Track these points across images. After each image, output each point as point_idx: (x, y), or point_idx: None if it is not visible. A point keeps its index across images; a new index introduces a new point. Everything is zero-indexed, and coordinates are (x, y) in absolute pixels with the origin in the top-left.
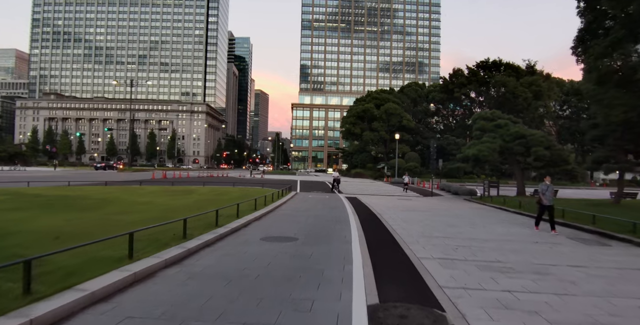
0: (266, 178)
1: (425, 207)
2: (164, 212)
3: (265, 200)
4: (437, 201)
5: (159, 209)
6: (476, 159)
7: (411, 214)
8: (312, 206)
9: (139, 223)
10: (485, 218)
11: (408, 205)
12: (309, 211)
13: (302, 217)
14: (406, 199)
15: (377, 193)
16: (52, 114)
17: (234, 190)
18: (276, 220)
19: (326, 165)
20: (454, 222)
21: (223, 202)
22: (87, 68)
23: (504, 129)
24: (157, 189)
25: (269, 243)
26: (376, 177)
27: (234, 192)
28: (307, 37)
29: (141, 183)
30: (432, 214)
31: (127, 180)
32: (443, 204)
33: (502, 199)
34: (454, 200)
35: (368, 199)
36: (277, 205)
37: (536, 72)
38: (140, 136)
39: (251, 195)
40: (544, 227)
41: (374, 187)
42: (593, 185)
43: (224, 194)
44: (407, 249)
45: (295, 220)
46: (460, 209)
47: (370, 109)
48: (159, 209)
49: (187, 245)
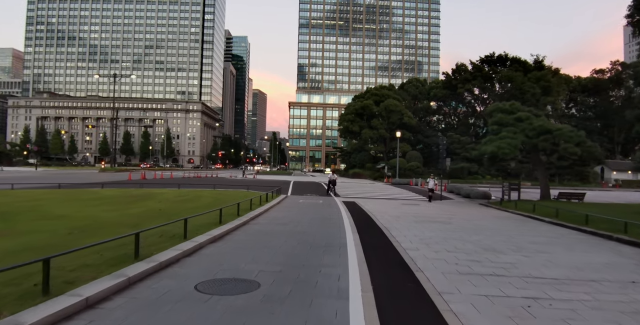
0: (259, 179)
1: (440, 216)
2: (62, 237)
3: (239, 210)
4: (450, 207)
5: (67, 226)
6: (493, 157)
7: (427, 227)
8: (300, 217)
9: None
10: (526, 234)
11: (419, 214)
12: (292, 225)
13: (280, 237)
14: (413, 203)
15: (378, 196)
16: (44, 113)
17: (209, 194)
18: (240, 243)
19: (324, 165)
20: (490, 242)
21: (182, 212)
22: (82, 67)
23: (525, 123)
24: (114, 193)
25: (205, 299)
26: (376, 177)
27: (206, 198)
28: (304, 34)
29: (103, 186)
30: (454, 227)
31: (95, 182)
32: (459, 211)
33: (532, 205)
34: (469, 205)
35: (369, 204)
36: (254, 216)
37: (544, 67)
38: (134, 135)
39: (226, 201)
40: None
41: (374, 189)
42: (605, 186)
43: (192, 201)
44: (449, 314)
45: (267, 245)
46: (484, 219)
47: (370, 106)
48: (66, 227)
49: (25, 318)
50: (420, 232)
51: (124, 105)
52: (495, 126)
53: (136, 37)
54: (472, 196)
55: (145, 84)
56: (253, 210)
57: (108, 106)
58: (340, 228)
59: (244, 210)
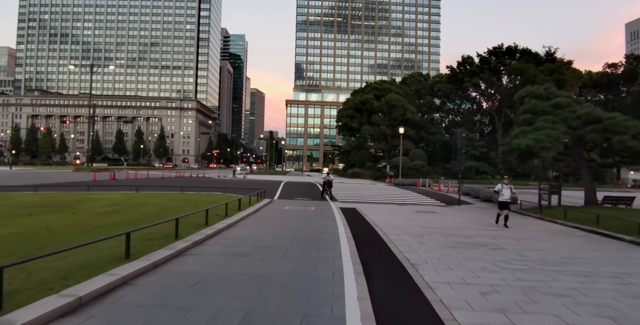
0: (249, 179)
1: (478, 234)
2: None
3: (178, 230)
4: (478, 216)
5: None
6: (526, 152)
7: (474, 258)
8: (274, 238)
9: None
10: (637, 275)
11: (446, 228)
12: (254, 261)
13: (217, 298)
14: (429, 211)
15: (383, 200)
16: (35, 111)
17: (160, 201)
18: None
19: (322, 165)
20: (604, 298)
21: (84, 234)
22: (75, 65)
23: (566, 110)
24: (31, 198)
25: None
26: (376, 177)
27: (151, 206)
28: (302, 31)
29: (37, 188)
30: (514, 257)
31: (44, 183)
32: (496, 224)
33: (585, 214)
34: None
35: (374, 212)
36: (200, 240)
37: (556, 60)
38: (127, 134)
39: (177, 211)
40: None
41: (376, 190)
42: (624, 187)
43: (123, 212)
44: None
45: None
46: (541, 239)
47: (370, 100)
48: None
49: None
50: (469, 271)
51: (117, 103)
52: (527, 115)
53: (130, 34)
54: (494, 200)
55: (140, 82)
56: (209, 226)
57: (101, 104)
58: (335, 264)
59: (196, 227)
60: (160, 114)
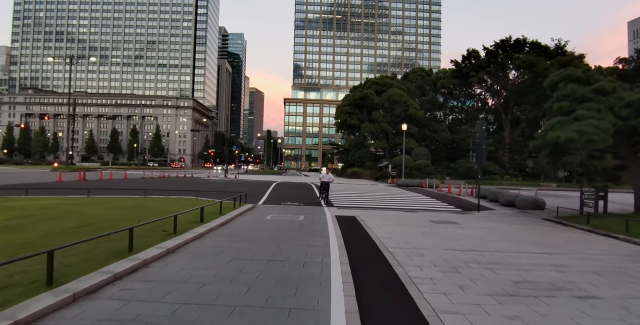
0: (240, 179)
1: (533, 259)
2: None
3: (48, 278)
4: (512, 227)
5: None
6: (560, 148)
7: (561, 319)
8: (225, 282)
9: None
10: None
11: (484, 251)
12: None
13: None
14: (448, 220)
15: (387, 204)
16: (29, 110)
17: (106, 209)
18: None
19: (321, 164)
20: None
21: None
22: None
23: (612, 97)
24: None
25: None
26: (377, 177)
27: (76, 218)
28: (301, 29)
29: None
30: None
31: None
32: (544, 242)
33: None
34: (534, 223)
35: (379, 223)
36: (84, 291)
37: (567, 54)
38: (122, 133)
39: (115, 224)
40: None
41: (378, 192)
42: None
43: (25, 228)
44: None
45: None
46: (623, 272)
47: (370, 96)
48: None
49: None
50: None
51: (112, 101)
52: (565, 103)
53: (127, 31)
54: (518, 205)
55: (137, 81)
56: (133, 254)
57: (95, 103)
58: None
59: (108, 256)
60: (156, 112)
